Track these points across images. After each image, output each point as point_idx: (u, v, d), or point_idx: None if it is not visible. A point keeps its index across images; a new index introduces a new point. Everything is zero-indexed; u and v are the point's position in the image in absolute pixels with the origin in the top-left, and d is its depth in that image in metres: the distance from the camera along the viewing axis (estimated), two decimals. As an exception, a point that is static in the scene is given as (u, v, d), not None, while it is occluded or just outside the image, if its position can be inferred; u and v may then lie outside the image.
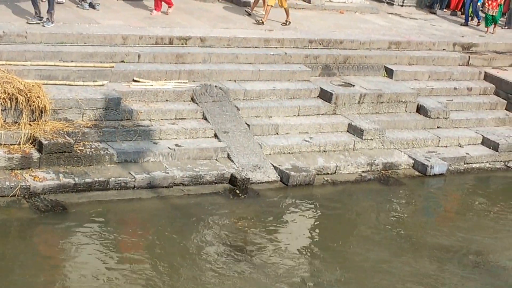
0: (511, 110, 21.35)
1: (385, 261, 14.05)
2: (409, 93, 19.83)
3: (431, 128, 19.63)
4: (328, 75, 19.80)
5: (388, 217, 16.01)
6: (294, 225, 15.07)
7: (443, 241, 15.22)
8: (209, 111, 17.14)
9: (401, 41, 21.91)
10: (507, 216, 17.03)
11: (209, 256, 13.33)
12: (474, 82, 21.82)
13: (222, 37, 19.18)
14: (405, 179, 17.78)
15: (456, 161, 18.89)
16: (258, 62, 19.04)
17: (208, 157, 16.25)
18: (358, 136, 18.15)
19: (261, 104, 17.98)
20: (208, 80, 17.87)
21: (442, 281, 13.72)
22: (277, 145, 17.14)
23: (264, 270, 13.17)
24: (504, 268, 14.54)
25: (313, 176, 16.58)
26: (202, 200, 15.20)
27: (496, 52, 23.35)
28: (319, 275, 13.33)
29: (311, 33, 20.88)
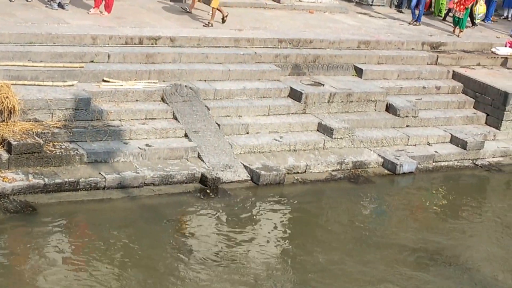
0: (479, 109, 21.54)
1: (352, 261, 14.13)
2: (378, 92, 19.96)
3: (400, 127, 19.77)
4: (298, 74, 19.88)
5: (358, 216, 16.10)
6: (265, 225, 15.11)
7: (410, 240, 15.33)
8: (179, 111, 17.15)
9: (370, 41, 22.05)
10: (475, 214, 17.20)
11: (180, 256, 13.35)
12: (443, 81, 22.00)
13: (192, 37, 19.19)
14: (374, 177, 17.90)
15: (425, 160, 19.03)
16: (228, 61, 19.07)
17: (179, 157, 16.26)
18: (328, 135, 18.24)
19: (231, 104, 18.02)
20: (178, 80, 17.87)
21: (409, 279, 13.84)
22: (248, 145, 17.19)
23: (235, 269, 13.21)
24: (470, 266, 14.69)
25: (283, 175, 16.64)
26: (173, 200, 15.22)
27: (464, 51, 23.55)
28: (289, 275, 13.40)
29: (281, 33, 20.95)
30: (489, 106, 21.39)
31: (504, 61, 23.62)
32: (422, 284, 13.77)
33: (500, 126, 21.15)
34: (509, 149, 20.68)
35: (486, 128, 21.12)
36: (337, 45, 21.28)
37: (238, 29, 20.51)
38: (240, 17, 21.90)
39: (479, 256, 15.11)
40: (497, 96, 21.23)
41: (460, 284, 13.95)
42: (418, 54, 22.40)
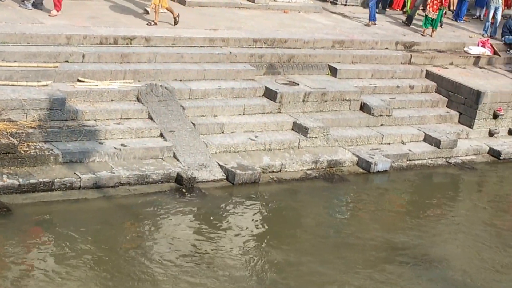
0: (452, 108, 21.72)
1: (327, 260, 14.22)
2: (352, 91, 20.08)
3: (375, 126, 19.90)
4: (273, 74, 19.94)
5: (333, 215, 16.21)
6: (240, 224, 15.15)
7: (385, 238, 15.44)
8: (154, 110, 17.17)
9: (345, 40, 22.16)
10: (448, 212, 17.35)
11: (156, 256, 13.37)
12: (416, 80, 22.16)
13: (167, 37, 19.21)
14: (349, 176, 18.00)
15: (399, 158, 19.17)
16: (203, 61, 19.10)
17: (154, 156, 16.28)
18: (303, 134, 18.32)
19: (207, 103, 18.05)
20: (153, 79, 17.88)
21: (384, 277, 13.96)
22: (223, 144, 17.23)
23: (210, 268, 13.25)
24: (442, 264, 14.81)
25: (259, 174, 16.71)
26: (149, 200, 15.23)
27: (437, 50, 23.73)
28: (263, 274, 13.45)
29: (255, 33, 21.01)
30: (462, 105, 21.58)
31: (477, 60, 23.85)
32: (396, 281, 13.89)
33: (472, 125, 21.34)
34: (482, 147, 20.88)
35: (459, 127, 21.31)
36: (311, 45, 21.38)
37: (213, 29, 20.55)
38: (215, 17, 21.94)
39: (451, 254, 15.24)
40: (469, 95, 21.41)
41: (433, 282, 14.08)
42: (392, 54, 22.55)
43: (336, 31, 23.05)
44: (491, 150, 20.94)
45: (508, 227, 17.04)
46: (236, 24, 21.56)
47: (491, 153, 20.92)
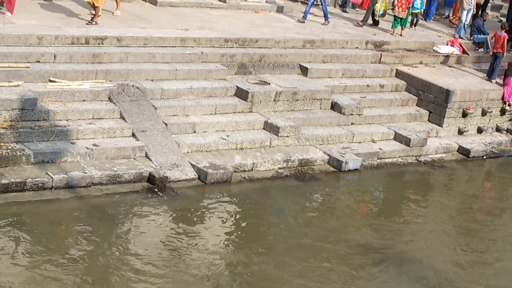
0: (422, 106, 21.92)
1: (299, 259, 14.33)
2: (323, 90, 20.21)
3: (345, 125, 20.05)
4: (244, 73, 20.03)
5: (304, 213, 16.30)
6: (212, 223, 15.24)
7: (355, 236, 15.59)
8: (126, 110, 17.20)
9: (315, 40, 22.28)
10: (418, 210, 17.53)
11: (128, 255, 13.42)
12: (386, 79, 22.33)
13: (139, 37, 19.25)
14: (320, 175, 18.12)
15: (369, 157, 19.33)
16: (174, 61, 19.16)
17: (126, 156, 16.32)
18: (274, 133, 18.43)
19: (178, 103, 18.11)
20: (125, 79, 17.92)
21: (353, 275, 14.10)
22: (195, 143, 17.30)
23: (181, 267, 13.33)
24: (412, 261, 14.97)
25: (230, 173, 16.79)
26: (121, 199, 15.26)
27: (407, 50, 23.93)
28: (234, 273, 13.53)
29: (227, 32, 21.08)
30: (431, 103, 21.79)
31: (446, 59, 24.07)
32: (368, 278, 14.04)
33: (442, 123, 21.57)
34: (451, 145, 21.11)
35: (428, 125, 21.52)
36: (282, 45, 21.49)
37: (184, 29, 20.59)
38: (186, 17, 21.98)
39: (421, 251, 15.41)
40: (439, 94, 21.63)
41: (403, 279, 14.23)
42: (362, 53, 22.72)
43: (306, 31, 23.17)
44: (461, 148, 21.19)
45: (477, 224, 17.26)
46: (207, 24, 21.62)
47: (460, 151, 21.17)
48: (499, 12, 32.02)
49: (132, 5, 22.36)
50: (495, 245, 16.26)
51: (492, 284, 14.61)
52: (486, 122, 22.51)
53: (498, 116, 22.72)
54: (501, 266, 15.35)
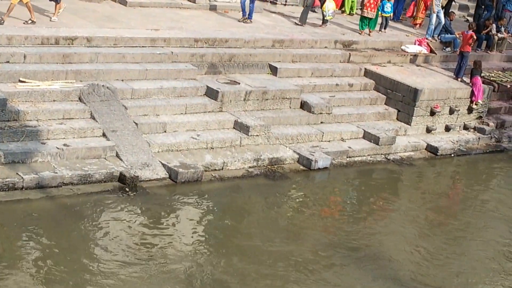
0: (390, 105, 22.12)
1: (269, 253, 14.48)
2: (293, 89, 20.34)
3: (315, 124, 20.19)
4: (214, 73, 20.12)
5: (274, 212, 16.42)
6: (183, 222, 15.30)
7: (325, 234, 15.74)
8: (97, 110, 17.23)
9: (285, 39, 22.42)
10: (387, 207, 17.70)
11: (99, 255, 13.46)
12: (355, 78, 22.49)
13: (109, 37, 19.27)
14: (290, 173, 18.23)
15: (339, 155, 19.48)
16: (145, 61, 19.21)
17: (97, 156, 16.35)
18: (244, 132, 18.53)
19: (149, 103, 18.16)
20: (95, 79, 17.94)
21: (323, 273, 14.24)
22: (165, 143, 17.36)
23: (153, 266, 13.39)
24: (382, 259, 15.14)
25: (201, 172, 16.87)
26: (92, 199, 15.29)
27: (375, 49, 24.13)
28: (206, 271, 13.62)
29: (196, 32, 21.16)
30: (400, 102, 21.99)
31: (414, 58, 24.31)
32: (337, 275, 14.18)
33: (410, 122, 21.78)
34: (420, 143, 21.32)
35: (397, 124, 21.73)
36: (252, 44, 21.60)
37: (154, 29, 20.64)
38: (156, 17, 22.03)
39: (390, 248, 15.58)
40: (407, 93, 21.83)
41: (374, 275, 14.38)
42: (331, 52, 22.87)
43: (276, 30, 23.30)
44: (429, 146, 21.41)
45: (446, 221, 17.45)
46: (177, 24, 21.68)
47: (428, 149, 21.38)
48: (467, 12, 32.34)
49: (102, 5, 22.38)
50: (463, 242, 16.47)
51: (461, 279, 14.82)
52: (453, 121, 22.76)
53: (466, 115, 22.98)
54: (469, 261, 15.56)
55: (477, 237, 16.81)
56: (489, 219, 17.77)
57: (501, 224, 17.59)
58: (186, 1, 24.24)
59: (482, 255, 15.92)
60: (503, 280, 15.04)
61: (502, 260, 15.83)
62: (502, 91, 24.63)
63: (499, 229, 17.31)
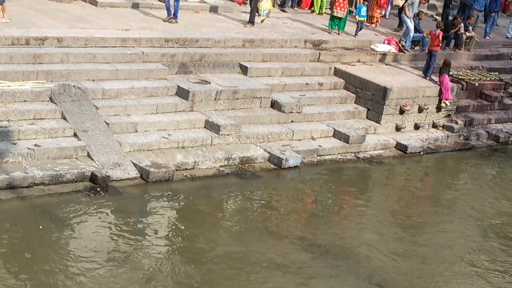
0: (360, 104, 22.27)
1: (241, 252, 14.59)
2: (263, 89, 20.45)
3: (285, 123, 20.30)
4: (184, 73, 20.18)
5: (245, 210, 16.51)
6: (155, 221, 15.35)
7: (296, 232, 15.85)
8: (68, 110, 17.24)
9: (255, 39, 22.52)
10: (357, 205, 17.84)
11: (70, 255, 13.49)
12: (325, 78, 22.62)
13: (79, 37, 19.29)
14: (261, 172, 18.33)
15: (309, 154, 19.61)
16: (115, 61, 19.23)
17: (68, 156, 16.36)
18: (215, 131, 18.61)
19: (120, 103, 18.20)
20: (66, 80, 17.95)
21: (294, 271, 14.36)
22: (137, 143, 17.41)
23: (126, 266, 13.45)
24: (354, 255, 15.30)
25: (172, 172, 16.93)
26: (63, 199, 15.30)
27: (345, 48, 24.30)
28: (180, 270, 13.70)
29: (167, 32, 21.20)
30: (369, 101, 22.16)
31: (383, 57, 24.50)
32: (310, 274, 14.31)
33: (380, 120, 21.96)
34: (389, 142, 21.50)
35: (367, 122, 21.90)
36: (222, 44, 21.68)
37: (125, 29, 20.67)
38: (127, 18, 22.04)
39: (362, 244, 15.74)
40: (376, 91, 22.01)
41: (345, 273, 14.53)
42: (301, 52, 23.01)
43: (246, 30, 23.38)
44: (398, 144, 21.59)
45: (415, 218, 17.63)
46: (147, 24, 21.71)
47: (398, 148, 21.56)
48: (435, 11, 32.62)
49: (73, 6, 22.36)
50: (432, 238, 16.65)
51: (431, 275, 15.00)
52: (422, 119, 22.99)
53: (434, 113, 23.21)
54: (438, 258, 15.75)
55: (446, 234, 17.00)
56: (458, 216, 17.99)
57: (469, 221, 17.80)
58: (157, 1, 24.26)
59: (451, 252, 16.11)
60: (471, 278, 15.26)
61: (471, 256, 16.04)
62: (470, 89, 24.92)
63: (467, 225, 17.52)
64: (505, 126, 24.83)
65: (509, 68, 27.55)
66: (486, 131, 23.99)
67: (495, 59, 28.03)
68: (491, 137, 23.86)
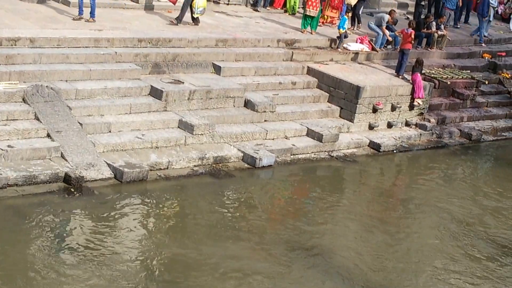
0: (333, 103, 22.36)
1: (214, 253, 14.60)
2: (236, 88, 20.49)
3: (259, 122, 20.35)
4: (158, 73, 20.18)
5: (219, 210, 16.53)
6: (129, 221, 15.35)
7: (271, 230, 15.93)
8: (41, 111, 17.19)
9: (228, 39, 22.56)
10: (331, 204, 17.91)
11: (44, 256, 13.47)
12: (298, 77, 22.70)
13: (52, 38, 19.23)
14: (235, 171, 18.37)
15: (283, 153, 19.67)
16: (88, 61, 19.20)
17: (42, 157, 16.31)
18: (189, 131, 18.63)
19: (93, 103, 18.17)
20: (39, 80, 17.89)
21: (267, 270, 14.43)
22: (110, 143, 17.39)
23: (101, 266, 13.43)
24: (328, 254, 15.38)
25: (146, 172, 16.93)
26: (37, 200, 15.25)
27: (318, 47, 24.39)
28: (154, 269, 13.74)
29: (140, 32, 21.19)
30: (342, 99, 22.25)
31: (355, 56, 24.61)
32: (284, 274, 14.37)
33: (353, 119, 22.06)
34: (362, 140, 21.61)
35: (340, 121, 21.99)
36: (195, 44, 21.69)
37: (98, 29, 20.63)
38: (100, 18, 21.95)
39: (336, 243, 15.83)
40: (349, 90, 22.11)
41: (321, 272, 14.58)
42: (274, 51, 23.07)
43: (219, 30, 23.42)
44: (371, 143, 21.71)
45: (389, 216, 17.75)
46: (120, 25, 21.68)
47: (371, 146, 21.68)
48: (406, 10, 32.84)
49: (45, 6, 22.27)
50: (406, 236, 16.78)
51: (404, 272, 15.11)
52: (395, 117, 23.12)
53: (407, 111, 23.36)
54: (411, 255, 15.87)
55: (419, 231, 17.14)
56: (431, 214, 18.12)
57: (442, 217, 17.93)
58: (129, 1, 24.23)
59: (423, 249, 16.24)
60: (444, 273, 15.39)
61: (444, 253, 16.18)
62: (443, 87, 25.10)
63: (440, 223, 17.66)
64: (477, 124, 25.06)
65: (480, 66, 27.81)
66: (459, 129, 24.19)
67: (467, 57, 28.28)
68: (464, 135, 24.06)
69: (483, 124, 25.20)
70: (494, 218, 18.39)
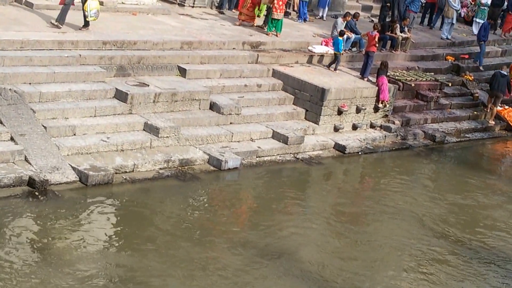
0: (299, 105, 22.42)
1: (177, 255, 14.59)
2: (202, 91, 20.47)
3: (224, 124, 20.36)
4: (123, 75, 20.11)
5: (185, 213, 16.52)
6: (94, 224, 15.28)
7: (237, 234, 15.93)
8: (4, 114, 17.05)
9: (193, 41, 22.53)
10: (297, 205, 18.00)
11: (7, 261, 13.36)
12: (263, 79, 22.74)
13: (15, 40, 19.07)
14: (201, 174, 18.35)
15: (249, 155, 19.69)
16: (52, 64, 19.07)
17: (5, 160, 16.18)
18: (154, 134, 18.58)
19: (57, 106, 18.06)
20: (2, 83, 17.74)
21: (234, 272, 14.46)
22: (75, 146, 17.29)
23: (64, 270, 13.35)
24: (294, 256, 15.43)
25: (112, 175, 16.86)
26: (1, 204, 15.09)
27: (283, 50, 24.43)
28: (117, 274, 13.66)
29: (105, 35, 21.10)
30: (307, 102, 22.32)
31: (320, 58, 24.67)
32: (248, 276, 14.39)
33: (318, 121, 22.13)
34: (328, 142, 21.69)
35: (305, 123, 22.06)
36: (160, 46, 21.65)
37: (61, 32, 20.51)
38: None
39: (302, 245, 15.88)
40: (315, 92, 22.18)
41: (285, 274, 14.62)
42: (239, 54, 23.08)
43: (184, 32, 23.39)
44: (337, 145, 21.79)
45: (354, 217, 17.83)
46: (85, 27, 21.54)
47: (336, 148, 21.76)
48: (370, 12, 33.04)
49: (7, 8, 22.08)
50: (371, 237, 16.87)
51: (370, 274, 15.20)
52: (360, 119, 23.24)
53: (372, 113, 23.49)
54: (376, 256, 15.97)
55: (384, 232, 17.24)
56: (396, 215, 18.25)
57: (407, 218, 18.08)
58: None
59: (389, 250, 16.36)
60: (408, 273, 15.51)
61: (408, 253, 16.30)
62: (407, 90, 25.30)
63: (405, 223, 17.80)
64: (441, 125, 25.30)
65: (444, 68, 28.07)
66: (423, 131, 24.40)
67: (431, 60, 28.51)
68: (428, 137, 24.27)
69: (446, 125, 25.43)
70: (458, 218, 18.57)
